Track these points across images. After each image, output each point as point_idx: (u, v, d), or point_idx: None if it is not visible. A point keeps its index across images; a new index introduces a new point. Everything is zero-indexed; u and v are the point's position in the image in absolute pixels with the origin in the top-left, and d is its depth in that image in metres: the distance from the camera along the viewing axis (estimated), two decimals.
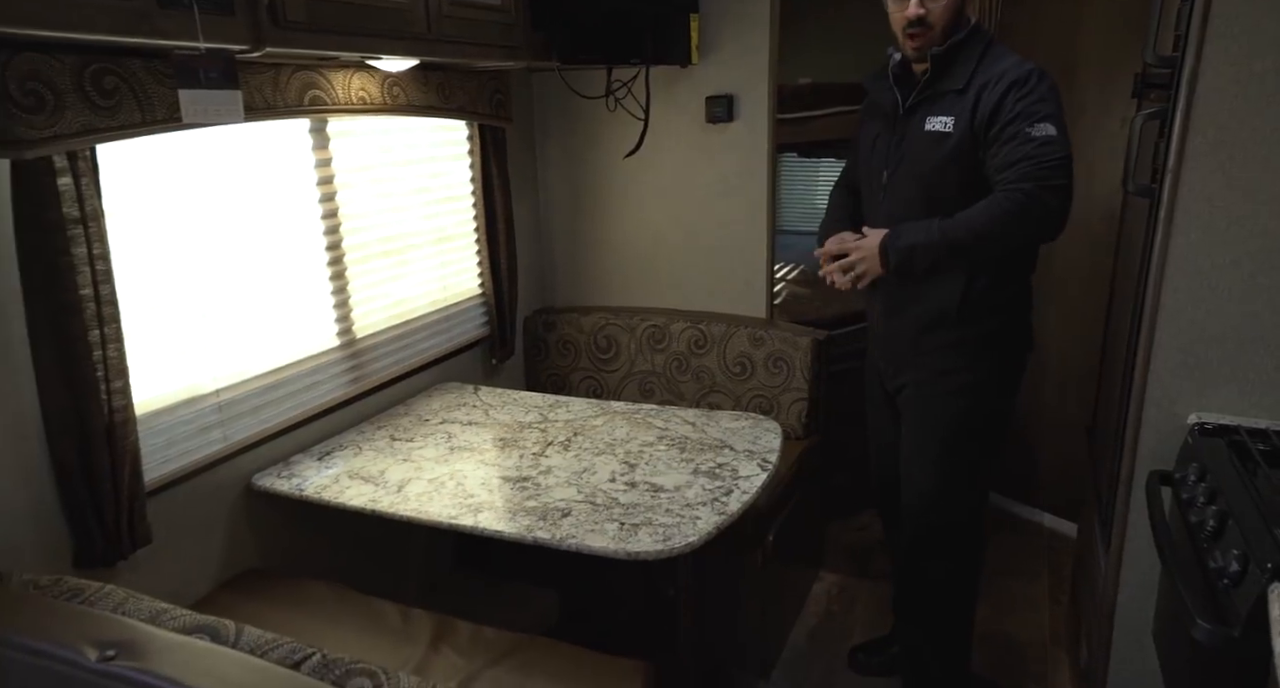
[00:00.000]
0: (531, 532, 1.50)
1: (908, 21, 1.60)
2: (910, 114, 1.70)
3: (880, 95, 1.78)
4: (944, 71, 1.65)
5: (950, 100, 1.63)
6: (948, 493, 1.80)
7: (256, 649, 1.03)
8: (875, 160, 1.78)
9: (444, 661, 1.49)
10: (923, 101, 1.67)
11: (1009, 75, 1.57)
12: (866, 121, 1.87)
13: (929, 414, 1.80)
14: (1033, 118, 1.54)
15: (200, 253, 1.65)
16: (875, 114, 1.82)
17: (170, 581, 1.63)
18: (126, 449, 1.44)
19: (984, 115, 1.58)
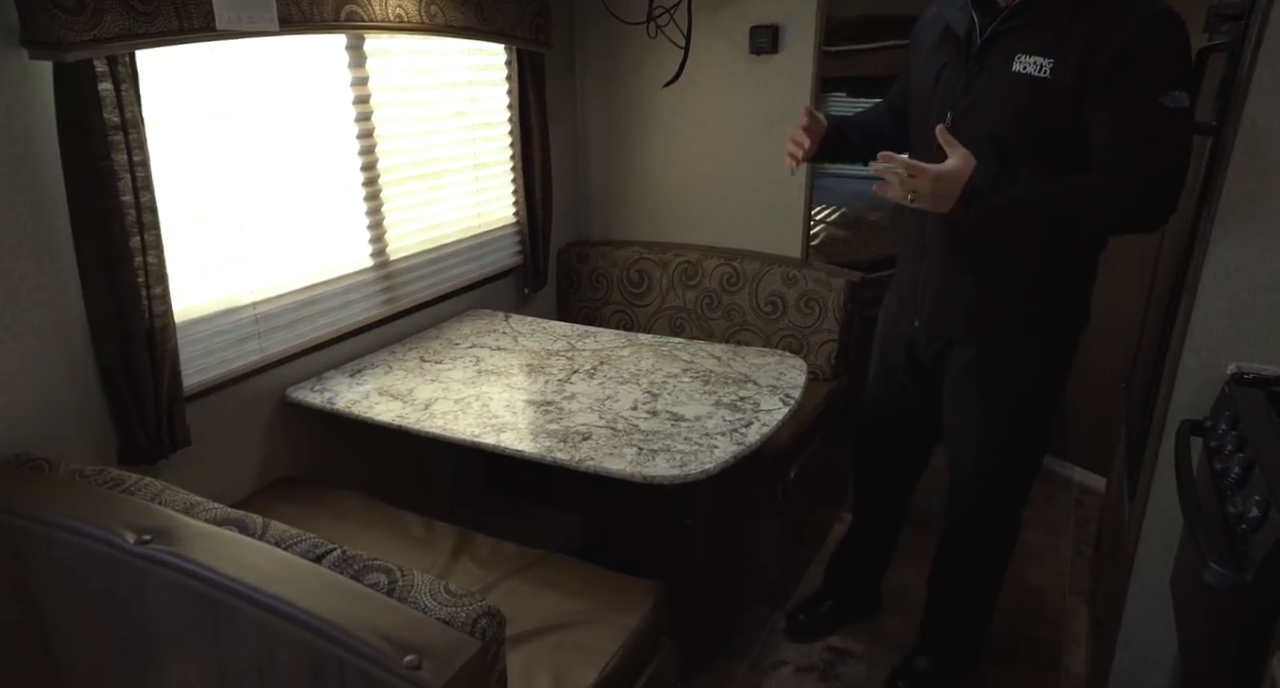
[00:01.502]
0: (551, 453, 1.53)
1: None
2: (990, 46, 1.38)
3: (951, 12, 1.45)
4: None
5: (1050, 36, 1.31)
6: (1013, 468, 1.67)
7: (281, 542, 1.08)
8: (938, 96, 1.47)
9: (463, 570, 1.54)
10: (1010, 31, 1.35)
11: (1138, 15, 1.24)
12: (927, 42, 1.53)
13: (996, 389, 1.60)
14: (1167, 82, 1.25)
15: (238, 168, 1.67)
16: (942, 36, 1.48)
17: (208, 482, 1.70)
18: (166, 353, 1.49)
19: (1102, 66, 1.26)
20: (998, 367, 1.60)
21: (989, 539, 1.79)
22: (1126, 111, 1.27)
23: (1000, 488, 1.71)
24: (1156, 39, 1.25)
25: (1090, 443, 2.74)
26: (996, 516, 1.75)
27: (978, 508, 1.74)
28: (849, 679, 1.93)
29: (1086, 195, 1.31)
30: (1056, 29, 1.31)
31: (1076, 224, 1.37)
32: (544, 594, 1.47)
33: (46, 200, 1.37)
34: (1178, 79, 1.27)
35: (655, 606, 1.47)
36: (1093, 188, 1.31)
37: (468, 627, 0.96)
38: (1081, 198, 1.32)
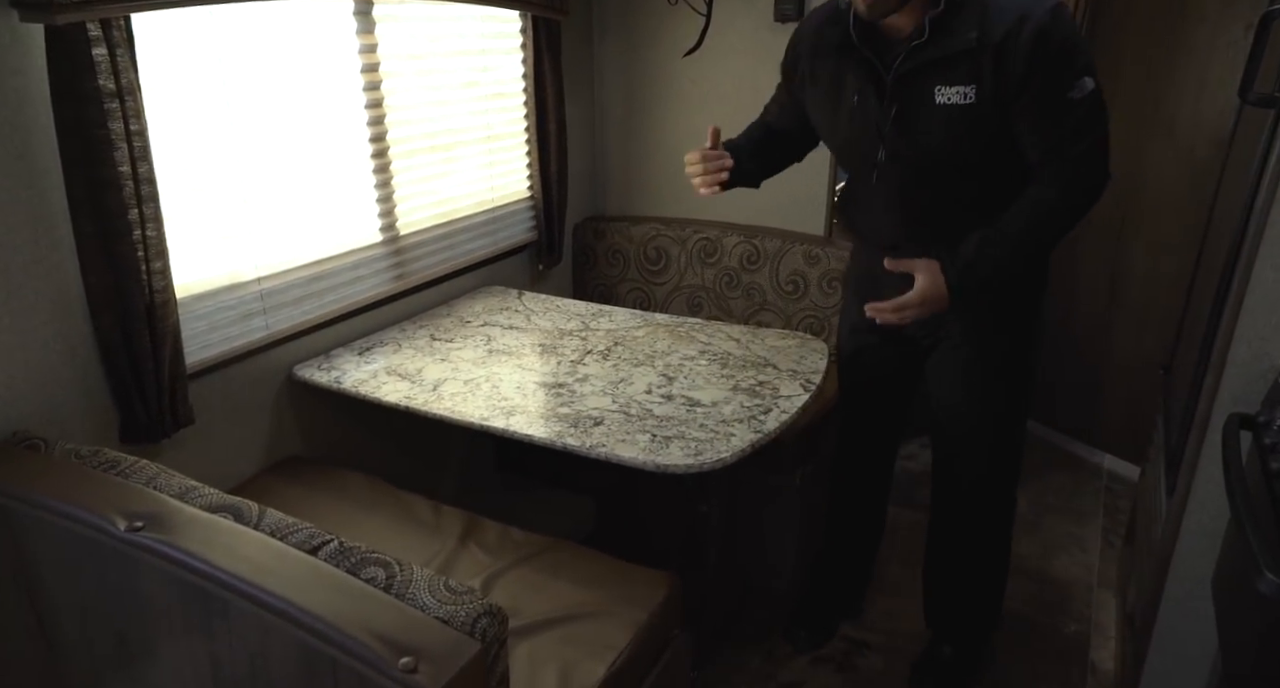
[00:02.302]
0: (562, 438, 1.48)
1: None
2: (904, 82, 1.37)
3: (838, 51, 1.43)
4: (946, 28, 1.31)
5: (964, 62, 1.31)
6: (1011, 429, 1.66)
7: (277, 532, 1.04)
8: (862, 135, 1.45)
9: (470, 556, 1.50)
10: (921, 66, 1.34)
11: (1032, 20, 1.27)
12: (820, 77, 1.49)
13: (983, 357, 1.60)
14: (1071, 75, 1.30)
15: (241, 138, 1.61)
16: (837, 74, 1.45)
17: (214, 461, 1.67)
18: (167, 329, 1.45)
19: (1013, 81, 1.30)
20: (986, 335, 1.59)
21: (987, 515, 1.73)
22: (1042, 114, 1.33)
23: (1010, 446, 1.67)
24: (1054, 38, 1.28)
25: (1122, 430, 2.64)
26: (1008, 474, 1.70)
27: (995, 469, 1.67)
28: (866, 671, 1.88)
29: (1042, 220, 1.39)
30: (967, 56, 1.32)
31: (1046, 244, 1.45)
32: (552, 584, 1.43)
33: (41, 171, 1.32)
34: (1079, 66, 1.31)
35: (668, 598, 1.41)
36: (1042, 211, 1.38)
37: (467, 627, 0.91)
38: (1039, 225, 1.39)
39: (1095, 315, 2.62)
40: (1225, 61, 2.15)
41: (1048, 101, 1.32)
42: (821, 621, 1.98)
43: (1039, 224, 1.40)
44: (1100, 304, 2.60)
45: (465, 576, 1.45)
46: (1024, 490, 2.57)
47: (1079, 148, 1.36)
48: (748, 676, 1.86)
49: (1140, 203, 2.44)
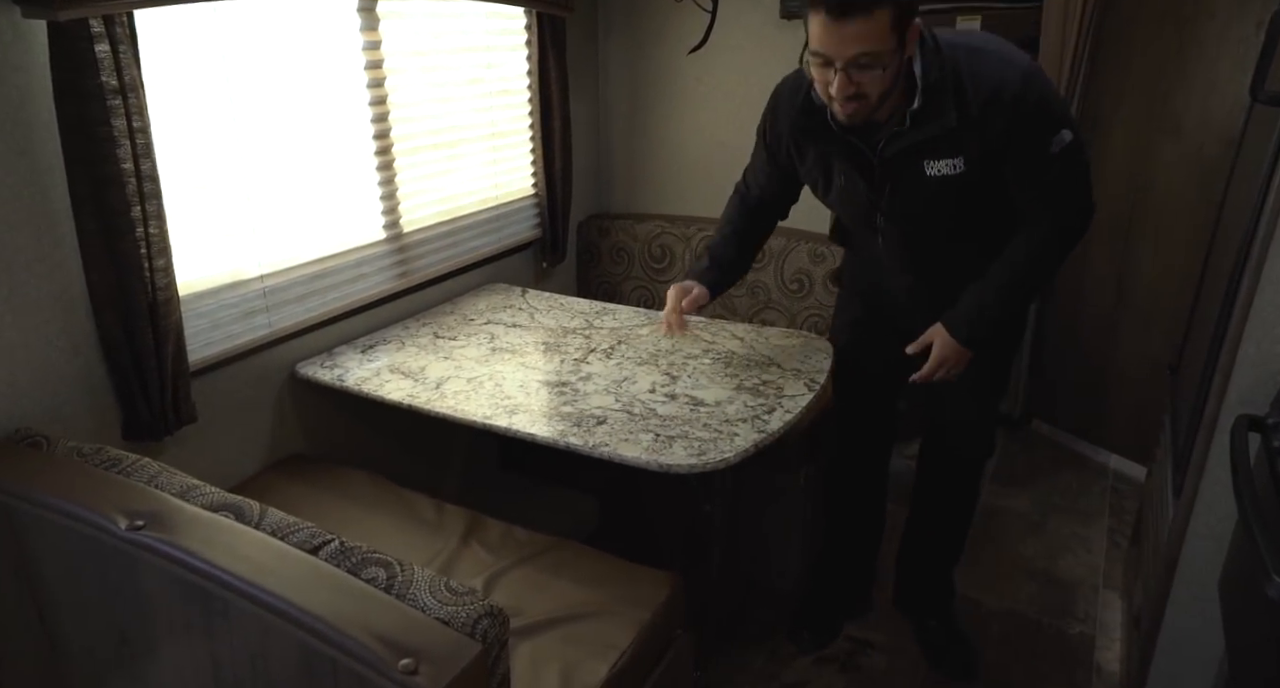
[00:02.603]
0: (565, 437, 1.47)
1: (835, 93, 1.30)
2: (895, 161, 1.42)
3: (822, 136, 1.46)
4: (925, 115, 1.36)
5: (949, 139, 1.37)
6: (994, 410, 1.81)
7: (278, 531, 1.03)
8: (855, 205, 1.54)
9: (472, 555, 1.50)
10: (909, 146, 1.39)
11: (1007, 90, 1.33)
12: (806, 152, 1.53)
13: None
14: (1049, 132, 1.36)
15: (244, 136, 1.61)
16: (822, 154, 1.50)
17: (216, 459, 1.67)
18: (170, 327, 1.44)
19: (997, 143, 1.36)
20: None
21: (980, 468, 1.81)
22: (1027, 172, 1.40)
23: (992, 422, 1.80)
24: (1029, 101, 1.34)
25: (1128, 430, 2.63)
26: (987, 447, 1.80)
27: (981, 445, 1.79)
28: (870, 671, 1.88)
29: (1034, 263, 1.48)
30: (950, 133, 1.36)
31: (1039, 282, 1.55)
32: (555, 583, 1.42)
33: (44, 168, 1.31)
34: (1055, 121, 1.37)
35: (670, 597, 1.41)
36: (1034, 254, 1.47)
37: (468, 628, 0.91)
38: (1031, 268, 1.48)
39: (1102, 315, 2.60)
40: (1235, 59, 2.13)
41: (1030, 159, 1.38)
42: (825, 621, 1.97)
43: (1031, 268, 1.48)
44: (1107, 304, 2.59)
45: (467, 575, 1.44)
46: (1029, 490, 2.56)
47: (1063, 194, 1.43)
48: (751, 675, 1.85)
49: (1148, 202, 2.42)
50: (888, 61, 1.27)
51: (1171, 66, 2.29)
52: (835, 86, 1.29)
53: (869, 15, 1.21)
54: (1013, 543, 2.32)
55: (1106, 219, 2.54)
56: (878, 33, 1.23)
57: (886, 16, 1.22)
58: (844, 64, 1.26)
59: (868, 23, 1.22)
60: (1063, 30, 2.43)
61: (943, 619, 1.93)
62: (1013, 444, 2.84)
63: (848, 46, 1.24)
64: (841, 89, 1.29)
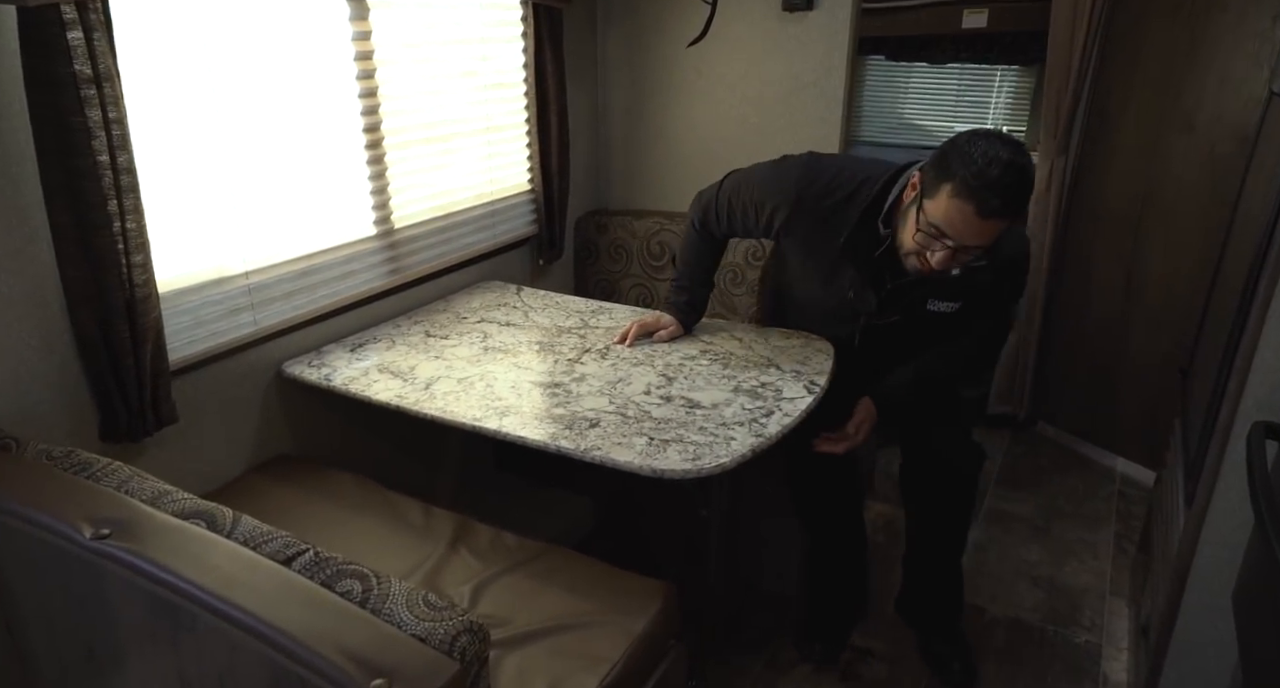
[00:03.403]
0: (556, 440, 1.43)
1: (932, 264, 1.43)
2: (906, 290, 1.60)
3: (855, 254, 1.58)
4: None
5: (960, 284, 1.55)
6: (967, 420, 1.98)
7: (250, 540, 0.99)
8: (842, 308, 1.70)
9: (460, 562, 1.45)
10: (924, 282, 1.56)
11: (1019, 259, 1.61)
12: (812, 242, 1.64)
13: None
14: (1016, 300, 1.72)
15: (228, 128, 1.56)
16: (840, 259, 1.61)
17: (199, 460, 1.63)
18: (149, 325, 1.40)
19: (984, 290, 1.60)
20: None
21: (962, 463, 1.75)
22: (988, 317, 1.67)
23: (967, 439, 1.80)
24: (1018, 271, 1.62)
25: (1135, 433, 2.58)
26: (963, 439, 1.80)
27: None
28: (870, 679, 1.83)
29: (951, 362, 1.70)
30: (965, 278, 1.51)
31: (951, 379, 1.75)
32: (545, 592, 1.38)
33: (15, 159, 1.27)
34: (1017, 297, 1.70)
35: (663, 607, 1.36)
36: (941, 368, 1.70)
37: (446, 645, 0.86)
38: (948, 365, 1.70)
39: (1110, 315, 2.55)
40: (1250, 54, 2.07)
41: (996, 311, 1.67)
42: (834, 632, 1.93)
43: (950, 372, 1.72)
44: (1115, 303, 2.53)
45: (454, 583, 1.40)
46: (1034, 494, 2.51)
47: (990, 340, 1.73)
48: (749, 682, 1.81)
49: (1158, 200, 2.36)
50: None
51: (1183, 61, 2.24)
52: (938, 259, 1.41)
53: (1008, 219, 1.35)
54: (1017, 548, 2.27)
55: (1114, 218, 2.49)
56: (993, 235, 1.38)
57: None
58: (967, 250, 1.39)
59: (1003, 224, 1.36)
60: (1071, 24, 2.37)
61: (948, 628, 1.88)
62: (1016, 447, 2.79)
63: (977, 238, 1.36)
64: (944, 263, 1.41)
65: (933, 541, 1.84)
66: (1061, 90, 2.46)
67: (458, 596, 1.37)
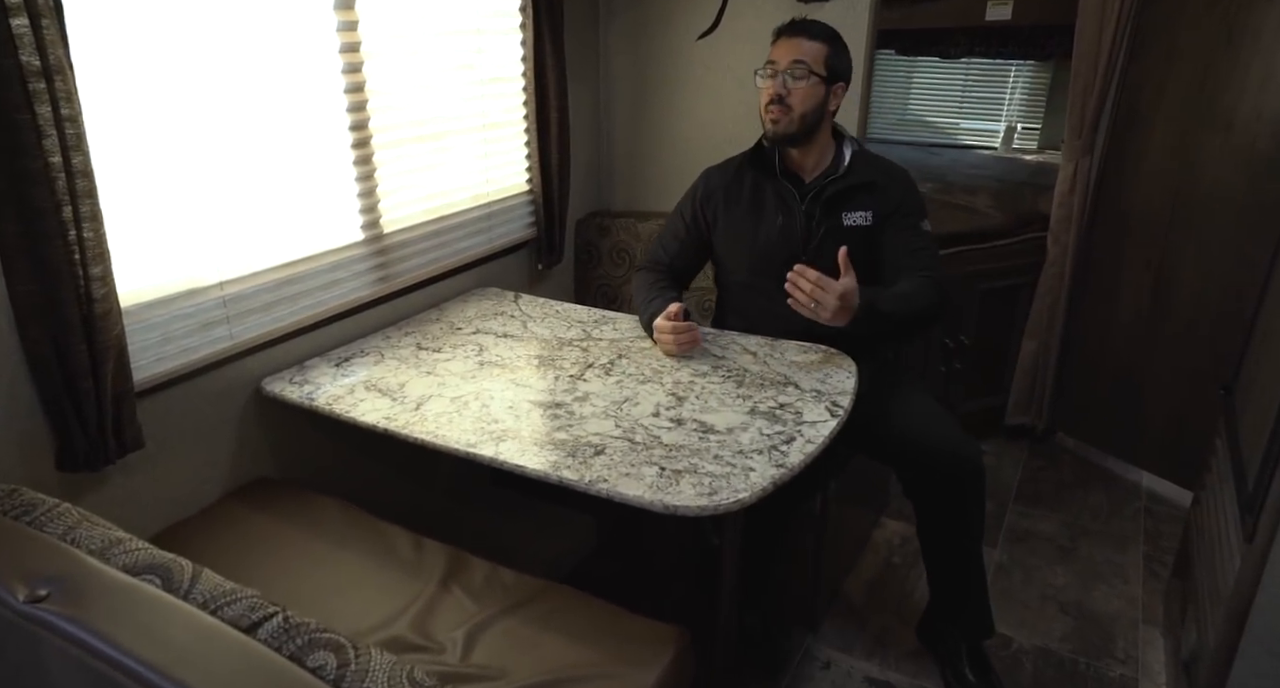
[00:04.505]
0: (558, 470, 1.30)
1: (769, 99, 1.68)
2: (822, 206, 1.74)
3: (767, 182, 1.80)
4: (856, 166, 1.75)
5: (863, 194, 1.74)
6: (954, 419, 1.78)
7: (210, 602, 0.86)
8: (788, 247, 1.76)
9: (453, 602, 1.33)
10: (835, 195, 1.74)
11: (897, 174, 1.79)
12: (736, 205, 1.83)
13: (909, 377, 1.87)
14: (921, 214, 1.77)
15: (200, 126, 1.43)
16: (756, 199, 1.80)
17: (169, 487, 1.50)
18: (109, 343, 1.27)
19: (890, 207, 1.74)
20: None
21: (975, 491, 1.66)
22: (902, 230, 1.75)
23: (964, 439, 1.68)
24: (912, 189, 1.79)
25: (1163, 446, 2.46)
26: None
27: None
28: None
29: (917, 300, 1.67)
30: (866, 188, 1.75)
31: (914, 324, 1.71)
32: (545, 638, 1.25)
33: None
34: (924, 212, 1.79)
35: (676, 656, 1.24)
36: (919, 293, 1.67)
37: None
38: (915, 302, 1.67)
39: (1137, 323, 2.43)
40: None
41: (910, 223, 1.75)
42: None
43: (914, 299, 1.67)
44: (1143, 311, 2.41)
45: (445, 627, 1.27)
46: (1056, 511, 2.40)
47: (929, 263, 1.72)
48: None
49: (1191, 202, 2.24)
50: (813, 85, 1.67)
51: (1221, 56, 2.11)
52: (772, 86, 1.68)
53: (812, 38, 1.68)
54: (1042, 571, 2.15)
55: (1143, 219, 2.36)
56: (813, 54, 1.67)
57: (822, 51, 1.67)
58: (785, 66, 1.66)
59: (809, 43, 1.67)
60: (1100, 17, 2.25)
61: (974, 650, 1.75)
62: (1035, 459, 2.67)
63: (790, 54, 1.67)
64: (774, 88, 1.67)
65: (946, 537, 1.71)
66: (1088, 87, 2.33)
67: (449, 642, 1.25)
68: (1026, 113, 3.78)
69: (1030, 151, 3.73)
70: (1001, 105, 3.82)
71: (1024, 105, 3.78)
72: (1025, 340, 2.63)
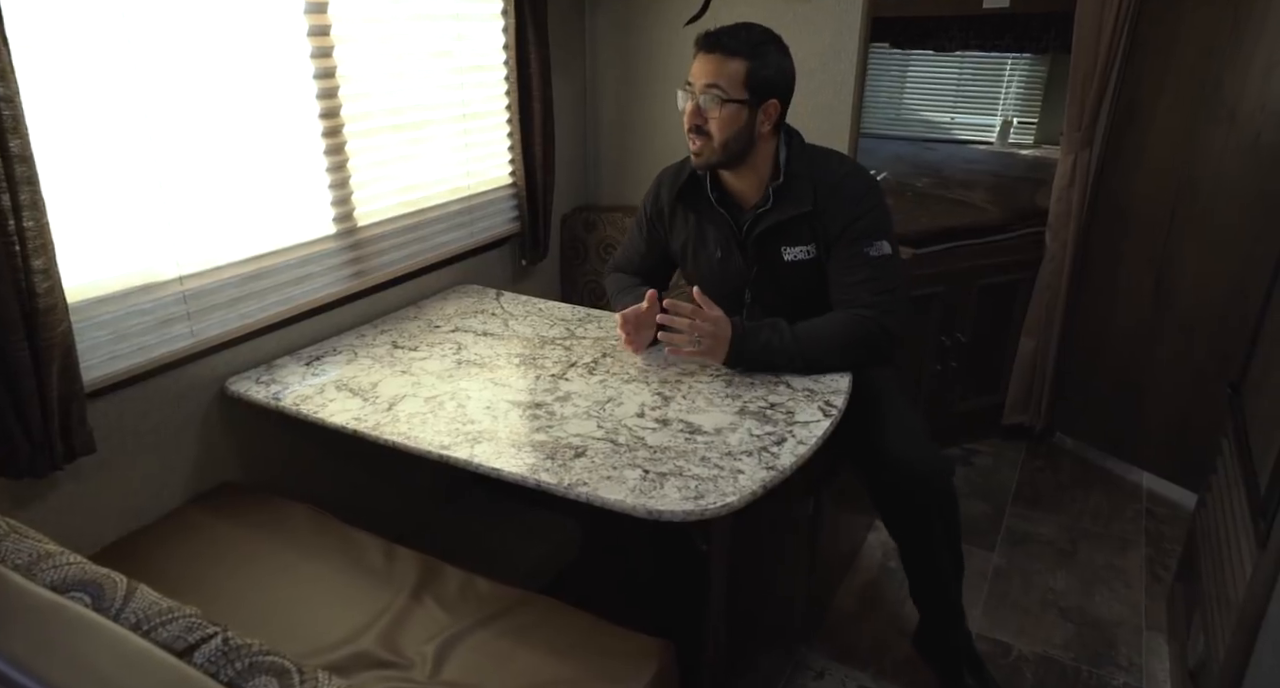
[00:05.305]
0: (535, 473, 1.23)
1: (688, 125, 1.51)
2: (761, 242, 1.61)
3: (703, 214, 1.66)
4: (785, 196, 1.56)
5: (802, 224, 1.57)
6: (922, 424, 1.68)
7: (143, 622, 0.79)
8: (730, 282, 1.66)
9: (425, 614, 1.25)
10: (769, 229, 1.58)
11: (847, 188, 1.56)
12: (683, 229, 1.70)
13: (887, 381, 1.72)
14: (871, 236, 1.55)
15: (158, 110, 1.35)
16: (701, 231, 1.67)
17: (128, 493, 1.42)
18: (54, 340, 1.19)
19: (833, 233, 1.56)
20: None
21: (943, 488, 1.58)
22: (843, 259, 1.56)
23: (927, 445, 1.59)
24: (863, 204, 1.55)
25: (1165, 447, 2.40)
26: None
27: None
28: None
29: (830, 338, 1.53)
30: (804, 219, 1.57)
31: (822, 360, 1.53)
32: (520, 652, 1.18)
33: None
34: (880, 232, 1.55)
35: (660, 671, 1.17)
36: (834, 330, 1.53)
37: None
38: (824, 341, 1.52)
39: (1138, 320, 2.37)
40: None
41: (853, 250, 1.54)
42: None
43: (819, 335, 1.52)
44: (1144, 307, 2.35)
45: (416, 640, 1.20)
46: (1055, 514, 2.33)
47: (867, 296, 1.53)
48: None
49: (1193, 196, 2.18)
50: (732, 111, 1.47)
51: (1225, 47, 2.05)
52: (687, 114, 1.50)
53: (728, 57, 1.45)
54: (1041, 575, 2.09)
55: (1143, 216, 2.30)
56: (730, 76, 1.46)
57: (742, 69, 1.45)
58: (700, 89, 1.48)
59: (725, 63, 1.45)
60: (1101, 6, 2.18)
61: (970, 659, 1.69)
62: (1034, 460, 2.61)
63: (704, 76, 1.47)
64: (691, 116, 1.50)
65: (917, 555, 1.65)
66: (1088, 78, 2.27)
67: (419, 656, 1.17)
68: (1023, 107, 3.72)
69: (1027, 146, 3.67)
70: (997, 100, 3.76)
71: (1020, 100, 3.72)
72: (1023, 338, 2.57)
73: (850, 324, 1.53)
